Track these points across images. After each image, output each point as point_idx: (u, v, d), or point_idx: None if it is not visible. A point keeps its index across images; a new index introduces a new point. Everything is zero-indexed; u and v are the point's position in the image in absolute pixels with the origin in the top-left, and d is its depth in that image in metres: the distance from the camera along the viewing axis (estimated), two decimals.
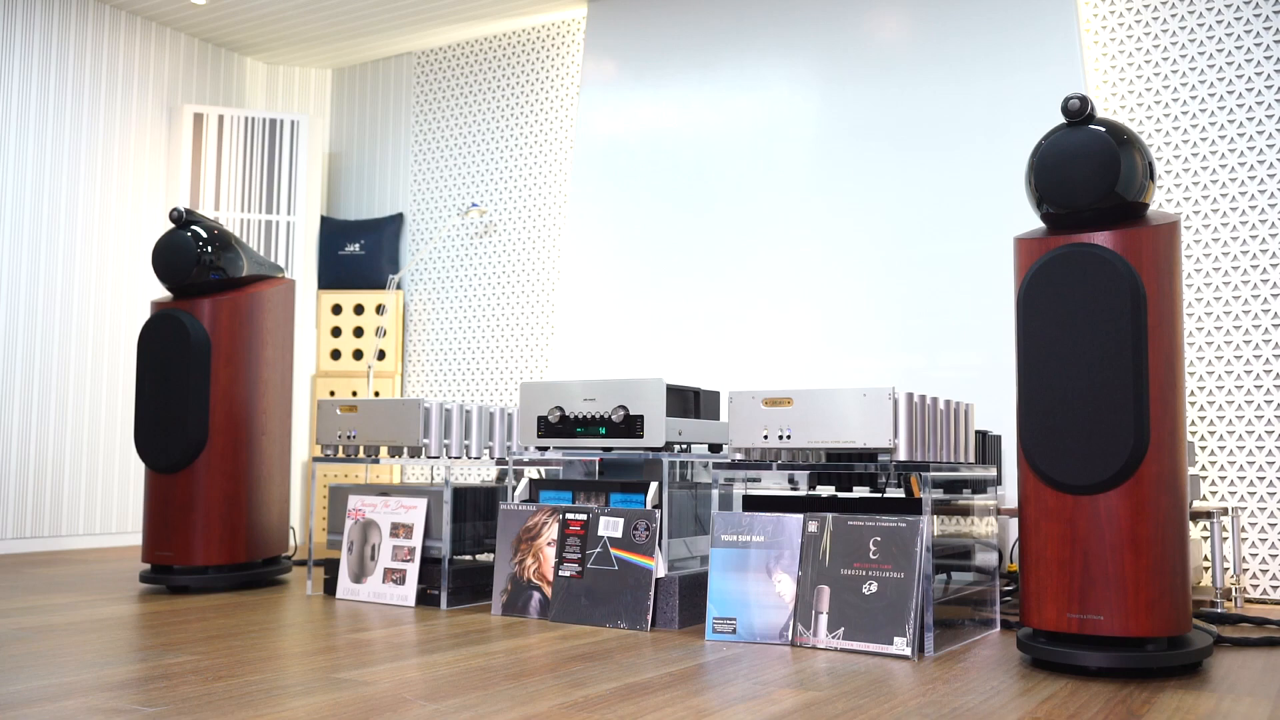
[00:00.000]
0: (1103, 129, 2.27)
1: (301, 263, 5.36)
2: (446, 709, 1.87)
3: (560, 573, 2.95)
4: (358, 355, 5.40)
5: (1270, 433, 3.53)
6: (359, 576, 3.27)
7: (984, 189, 3.93)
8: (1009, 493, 3.64)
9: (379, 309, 5.40)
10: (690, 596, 2.87)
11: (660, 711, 1.87)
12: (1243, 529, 3.55)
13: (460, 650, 2.44)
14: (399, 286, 5.52)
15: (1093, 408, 2.21)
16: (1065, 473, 2.22)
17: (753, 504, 2.87)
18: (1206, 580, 3.52)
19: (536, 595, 2.97)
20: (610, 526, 2.92)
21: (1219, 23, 3.73)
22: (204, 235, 3.51)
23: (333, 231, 5.53)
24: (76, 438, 4.88)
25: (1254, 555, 3.53)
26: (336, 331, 5.42)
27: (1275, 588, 3.49)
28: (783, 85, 4.41)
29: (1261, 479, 3.53)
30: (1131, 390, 2.18)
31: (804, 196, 4.29)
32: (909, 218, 4.06)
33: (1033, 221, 3.82)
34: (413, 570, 3.17)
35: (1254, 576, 3.52)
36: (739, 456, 2.73)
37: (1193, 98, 3.75)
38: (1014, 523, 3.64)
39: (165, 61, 5.34)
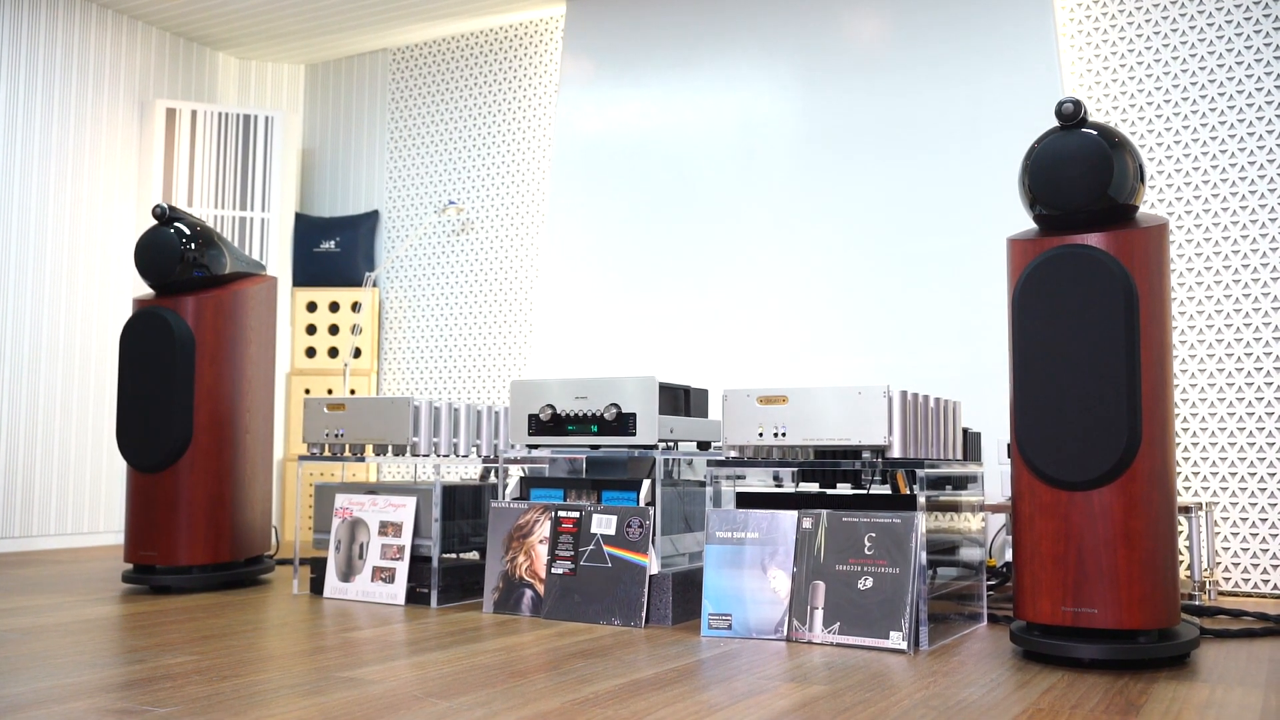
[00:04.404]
0: (1095, 132, 2.32)
1: (276, 260, 5.31)
2: (459, 706, 1.88)
3: (553, 570, 2.96)
4: (333, 353, 5.37)
5: (1242, 429, 3.61)
6: (347, 575, 3.26)
7: (962, 190, 3.99)
8: (989, 489, 3.70)
9: (354, 307, 5.37)
10: (682, 593, 2.90)
11: (671, 707, 1.89)
12: (1215, 523, 3.63)
13: (459, 648, 2.44)
14: (375, 284, 5.49)
15: (1087, 405, 2.26)
16: (1060, 469, 2.27)
17: (746, 501, 2.90)
18: (1183, 574, 3.59)
19: (529, 593, 2.98)
20: (603, 524, 2.93)
21: (1192, 28, 3.81)
22: (187, 232, 3.48)
23: (307, 228, 5.50)
24: (47, 437, 4.81)
25: (1226, 549, 3.61)
26: (311, 329, 5.38)
27: (1247, 580, 3.57)
28: (763, 85, 4.45)
29: (1234, 474, 3.61)
30: (1125, 388, 2.23)
31: (783, 196, 4.33)
32: (888, 218, 4.11)
33: (1010, 222, 3.88)
34: (402, 568, 3.17)
35: (1226, 570, 3.61)
36: (733, 454, 2.76)
37: (1166, 101, 3.83)
38: (994, 519, 3.70)
39: (137, 56, 5.28)
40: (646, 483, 2.98)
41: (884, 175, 4.14)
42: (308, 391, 5.32)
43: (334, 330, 5.38)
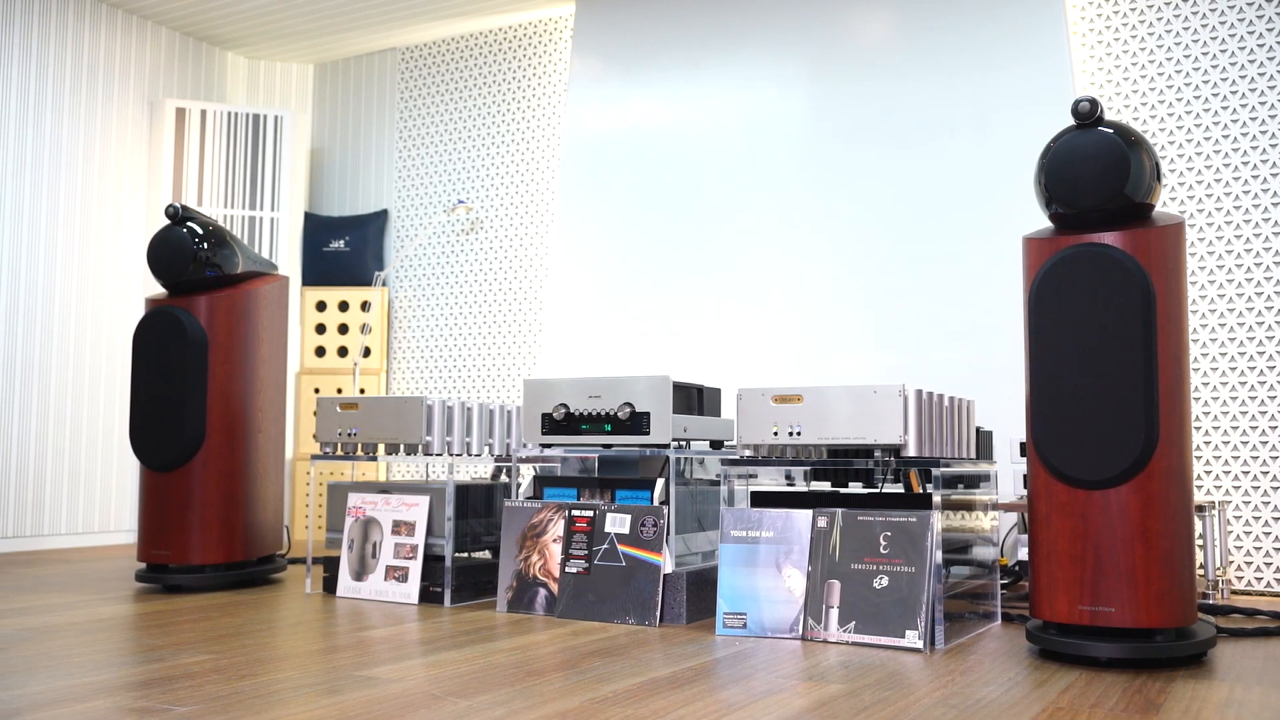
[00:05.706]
0: (1111, 131, 2.32)
1: (285, 259, 5.32)
2: (478, 705, 1.88)
3: (567, 569, 2.96)
4: (342, 352, 5.37)
5: (1254, 428, 3.60)
6: (360, 574, 3.27)
7: (972, 187, 3.98)
8: (1001, 487, 3.69)
9: (364, 306, 5.38)
10: (696, 592, 2.90)
11: (690, 706, 1.89)
12: (1228, 522, 3.62)
13: (476, 647, 2.45)
14: (384, 283, 5.50)
15: (1104, 404, 2.26)
16: (1077, 468, 2.27)
17: (760, 500, 2.90)
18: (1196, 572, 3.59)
19: (543, 592, 2.98)
20: (617, 523, 2.93)
21: (1204, 26, 3.80)
22: (200, 232, 3.48)
23: (317, 228, 5.50)
24: (58, 436, 4.82)
25: (1239, 548, 3.61)
26: (321, 328, 5.39)
27: (1259, 579, 3.57)
28: (770, 83, 4.44)
29: (1246, 473, 3.61)
30: (1142, 386, 2.23)
31: (791, 195, 4.32)
32: (895, 216, 4.11)
33: (1020, 219, 3.88)
34: (415, 568, 3.17)
35: (1239, 568, 3.60)
36: (748, 453, 2.76)
37: (1178, 99, 3.82)
38: (1006, 517, 3.70)
39: (146, 55, 5.29)
40: (660, 482, 2.98)
41: (893, 173, 4.14)
42: (317, 391, 5.32)
43: (343, 329, 5.38)
